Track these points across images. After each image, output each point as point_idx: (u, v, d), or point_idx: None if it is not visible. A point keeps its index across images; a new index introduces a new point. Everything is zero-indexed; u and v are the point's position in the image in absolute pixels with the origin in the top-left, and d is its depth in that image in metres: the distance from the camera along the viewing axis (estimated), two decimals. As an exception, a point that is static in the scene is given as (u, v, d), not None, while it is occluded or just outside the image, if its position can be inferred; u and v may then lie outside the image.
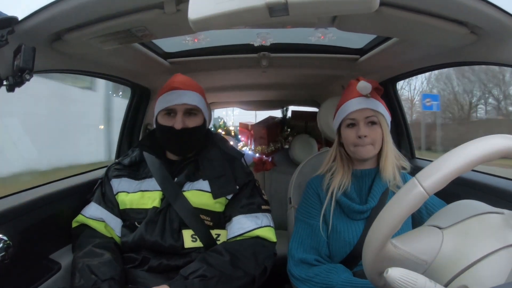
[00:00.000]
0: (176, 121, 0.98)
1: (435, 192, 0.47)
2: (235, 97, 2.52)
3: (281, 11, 0.54)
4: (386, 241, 0.50)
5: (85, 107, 4.00)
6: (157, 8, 0.77)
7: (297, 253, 0.93)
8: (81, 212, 1.02)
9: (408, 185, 0.49)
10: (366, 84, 0.95)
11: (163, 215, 0.96)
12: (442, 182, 0.47)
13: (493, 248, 0.48)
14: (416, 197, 0.47)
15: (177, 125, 0.97)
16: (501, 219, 0.54)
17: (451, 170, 0.47)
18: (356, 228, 0.93)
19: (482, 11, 0.73)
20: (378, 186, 0.96)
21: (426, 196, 0.47)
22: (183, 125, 0.97)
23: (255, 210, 0.99)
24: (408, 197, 0.48)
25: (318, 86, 2.05)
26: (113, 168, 1.07)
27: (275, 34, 1.28)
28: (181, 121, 0.97)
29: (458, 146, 0.49)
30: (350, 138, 0.96)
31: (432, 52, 1.12)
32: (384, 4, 0.74)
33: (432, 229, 0.55)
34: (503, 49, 0.86)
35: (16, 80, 0.73)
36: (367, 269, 0.54)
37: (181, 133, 0.97)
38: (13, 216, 0.88)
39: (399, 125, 1.61)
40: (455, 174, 0.47)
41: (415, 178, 0.48)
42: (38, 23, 0.77)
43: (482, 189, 1.05)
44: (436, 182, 0.46)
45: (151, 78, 1.54)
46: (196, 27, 0.57)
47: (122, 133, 1.62)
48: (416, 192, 0.47)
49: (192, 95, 1.01)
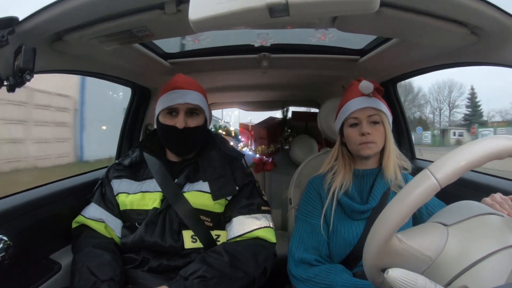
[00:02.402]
0: (178, 121, 0.98)
1: (447, 184, 0.46)
2: (235, 97, 2.52)
3: (281, 12, 0.54)
4: (393, 233, 0.49)
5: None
6: (157, 8, 0.77)
7: (297, 252, 0.93)
8: (81, 213, 1.02)
9: (420, 177, 0.48)
10: (368, 84, 0.95)
11: (163, 216, 0.96)
12: (455, 174, 0.46)
13: (493, 248, 0.48)
14: (428, 188, 0.46)
15: (179, 124, 0.97)
16: (501, 221, 0.54)
17: (464, 163, 0.46)
18: (356, 228, 0.93)
19: (482, 11, 0.73)
20: (379, 186, 0.96)
21: (438, 188, 0.46)
22: (185, 124, 0.97)
23: (255, 210, 0.99)
24: (420, 188, 0.47)
25: (319, 86, 2.06)
26: (113, 169, 1.07)
27: (275, 34, 1.27)
28: (183, 120, 0.98)
29: (473, 141, 0.49)
30: (353, 137, 0.96)
31: (432, 52, 1.12)
32: (384, 4, 0.74)
33: (438, 226, 0.55)
34: (503, 49, 0.86)
35: (17, 81, 0.73)
36: (368, 263, 0.54)
37: (183, 133, 0.98)
38: (13, 216, 0.88)
39: (400, 126, 1.61)
40: (468, 167, 0.46)
41: (428, 169, 0.47)
42: (39, 23, 0.77)
43: (482, 189, 1.05)
44: (449, 174, 0.46)
45: (152, 79, 1.54)
46: (197, 28, 0.57)
47: (123, 134, 1.62)
48: (429, 183, 0.46)
49: (195, 94, 1.01)
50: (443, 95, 22.70)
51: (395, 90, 1.60)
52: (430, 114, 25.08)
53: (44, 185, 1.12)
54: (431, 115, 25.06)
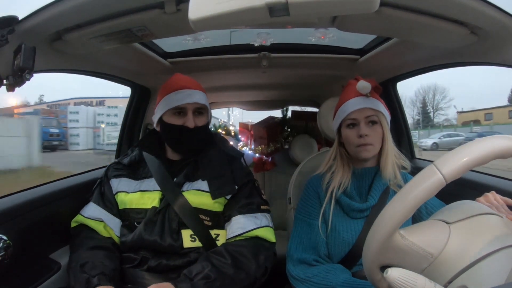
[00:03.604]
0: (188, 120, 0.98)
1: (453, 180, 0.46)
2: (235, 97, 2.52)
3: (281, 11, 0.54)
4: (396, 228, 0.49)
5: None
6: (157, 8, 0.78)
7: (296, 252, 0.93)
8: (80, 212, 1.02)
9: (425, 172, 0.48)
10: (366, 84, 0.95)
11: (162, 215, 0.96)
12: (461, 170, 0.46)
13: (494, 247, 0.48)
14: (434, 183, 0.46)
15: (190, 124, 0.98)
16: (501, 221, 0.54)
17: (470, 159, 0.46)
18: (355, 227, 0.93)
19: (482, 11, 0.73)
20: (378, 185, 0.96)
21: (444, 183, 0.46)
22: (194, 124, 0.98)
23: (254, 210, 0.99)
24: (426, 183, 0.47)
25: (318, 86, 2.05)
26: (112, 168, 1.07)
27: (275, 34, 1.28)
28: (193, 120, 0.98)
29: (479, 138, 0.49)
30: (351, 138, 0.96)
31: (432, 52, 1.12)
32: (384, 4, 0.74)
33: (439, 223, 0.55)
34: (503, 49, 0.86)
35: (16, 80, 0.73)
36: (369, 259, 0.53)
37: (193, 132, 0.98)
38: (13, 216, 0.88)
39: (399, 125, 1.61)
40: (474, 164, 0.46)
41: (433, 165, 0.47)
42: (39, 22, 0.77)
43: (482, 189, 1.05)
44: (455, 170, 0.46)
45: (151, 78, 1.54)
46: (197, 27, 0.57)
47: (122, 133, 1.62)
48: (435, 178, 0.46)
49: (201, 94, 1.02)
50: (428, 98, 23.62)
51: (395, 90, 1.60)
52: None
53: (44, 184, 1.12)
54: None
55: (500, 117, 19.12)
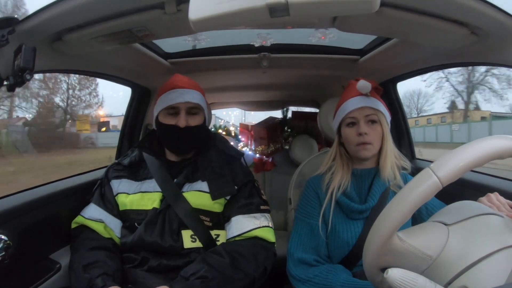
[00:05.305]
0: (179, 119, 0.98)
1: (449, 183, 0.46)
2: (235, 97, 2.52)
3: (281, 12, 0.54)
4: (393, 231, 0.49)
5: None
6: (157, 8, 0.77)
7: (296, 252, 0.93)
8: (81, 213, 1.02)
9: (421, 175, 0.48)
10: (366, 83, 0.95)
11: (162, 216, 0.96)
12: (457, 173, 0.46)
13: (494, 248, 0.48)
14: (430, 186, 0.46)
15: (181, 123, 0.97)
16: (501, 221, 0.54)
17: (466, 162, 0.46)
18: (355, 228, 0.93)
19: (482, 12, 0.73)
20: (377, 186, 0.96)
21: (440, 186, 0.46)
22: (186, 123, 0.98)
23: (254, 210, 0.99)
24: (422, 187, 0.47)
25: (319, 86, 2.05)
26: (113, 169, 1.07)
27: (275, 34, 1.27)
28: (184, 119, 0.98)
29: (475, 140, 0.48)
30: (351, 137, 0.96)
31: (432, 52, 1.12)
32: (384, 4, 0.74)
33: (438, 225, 0.55)
34: (503, 49, 0.86)
35: (17, 80, 0.73)
36: (368, 262, 0.53)
37: (184, 132, 0.98)
38: (13, 216, 0.88)
39: (400, 126, 1.60)
40: (470, 166, 0.46)
41: (429, 168, 0.47)
42: (39, 23, 0.77)
43: (482, 189, 1.05)
44: (451, 173, 0.46)
45: (152, 79, 1.54)
46: (197, 27, 0.57)
47: (123, 133, 1.62)
48: (431, 182, 0.46)
49: (194, 93, 1.01)
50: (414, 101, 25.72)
51: (395, 90, 1.60)
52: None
53: (44, 185, 1.12)
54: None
55: (435, 121, 22.45)
